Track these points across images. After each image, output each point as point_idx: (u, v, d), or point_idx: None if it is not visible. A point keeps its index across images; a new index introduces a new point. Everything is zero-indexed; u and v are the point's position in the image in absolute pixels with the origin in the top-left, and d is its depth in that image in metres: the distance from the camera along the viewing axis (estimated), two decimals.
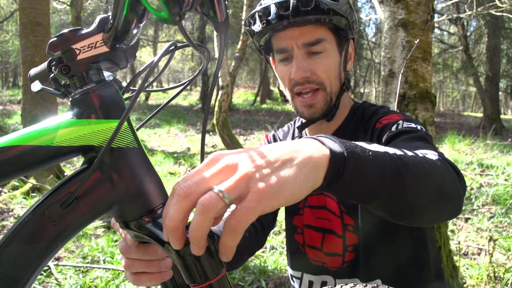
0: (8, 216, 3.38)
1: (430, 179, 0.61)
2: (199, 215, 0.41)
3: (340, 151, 0.50)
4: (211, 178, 0.43)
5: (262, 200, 0.42)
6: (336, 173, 0.49)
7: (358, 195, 0.54)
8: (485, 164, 4.98)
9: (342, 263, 1.02)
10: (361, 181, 0.51)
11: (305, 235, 1.08)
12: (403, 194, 0.57)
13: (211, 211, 0.41)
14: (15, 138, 0.48)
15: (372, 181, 0.53)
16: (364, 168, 0.51)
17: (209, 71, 14.24)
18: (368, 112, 1.03)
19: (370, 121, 1.00)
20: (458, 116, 17.36)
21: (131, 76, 2.45)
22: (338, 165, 0.49)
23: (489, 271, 2.27)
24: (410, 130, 0.88)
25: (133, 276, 0.60)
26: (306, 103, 0.97)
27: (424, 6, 1.95)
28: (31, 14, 4.07)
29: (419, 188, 0.59)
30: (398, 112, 1.00)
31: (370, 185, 0.53)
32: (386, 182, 0.54)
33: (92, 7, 12.68)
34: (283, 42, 0.96)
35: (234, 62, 6.21)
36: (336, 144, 0.51)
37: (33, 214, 0.48)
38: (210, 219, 0.41)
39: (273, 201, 0.42)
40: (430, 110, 1.98)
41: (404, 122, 0.91)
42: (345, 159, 0.49)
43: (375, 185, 0.53)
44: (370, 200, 0.56)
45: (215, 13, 0.45)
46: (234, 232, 0.41)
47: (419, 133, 0.87)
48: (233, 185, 0.42)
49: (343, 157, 0.49)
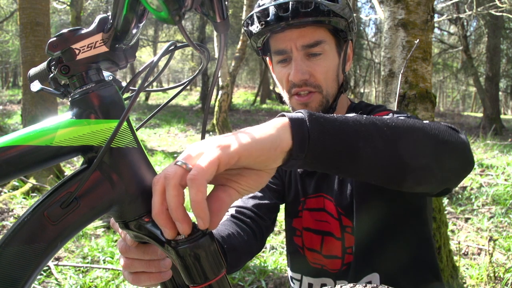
0: (8, 216, 3.38)
1: (418, 130, 0.61)
2: (166, 189, 0.45)
3: (300, 116, 0.53)
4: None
5: (217, 150, 0.46)
6: (301, 134, 0.51)
7: (338, 156, 0.54)
8: (485, 164, 4.97)
9: (341, 265, 1.01)
10: (333, 138, 0.53)
11: (304, 238, 1.08)
12: (390, 143, 0.57)
13: (172, 178, 0.45)
14: (15, 138, 0.48)
15: (347, 137, 0.54)
16: (330, 125, 0.54)
17: (209, 71, 14.24)
18: (364, 111, 1.03)
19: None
20: (458, 116, 17.36)
21: (131, 76, 2.46)
22: (300, 125, 0.52)
23: (489, 271, 2.27)
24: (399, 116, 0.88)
25: (132, 276, 0.60)
26: (302, 102, 0.97)
27: (424, 6, 1.95)
28: (31, 14, 4.07)
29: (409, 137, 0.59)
30: (390, 110, 1.00)
31: (346, 141, 0.54)
32: (363, 132, 0.55)
33: (92, 7, 12.67)
34: (282, 44, 0.95)
35: (234, 62, 6.21)
36: (297, 113, 0.54)
37: (32, 214, 0.48)
38: (174, 185, 0.45)
39: (228, 149, 0.46)
40: (430, 110, 1.98)
41: (394, 114, 0.91)
42: (305, 120, 0.53)
43: (352, 140, 0.55)
44: (353, 159, 0.56)
45: (215, 13, 0.45)
46: (194, 183, 0.44)
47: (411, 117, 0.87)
48: (190, 153, 0.47)
49: (303, 119, 0.53)
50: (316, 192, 1.04)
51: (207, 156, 0.45)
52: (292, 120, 0.52)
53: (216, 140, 0.48)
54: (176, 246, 0.48)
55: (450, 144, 0.65)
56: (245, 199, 1.08)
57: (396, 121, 0.60)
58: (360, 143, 0.55)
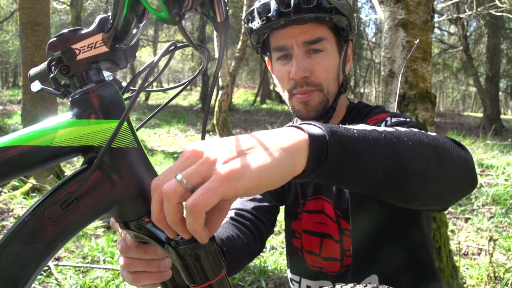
0: (8, 216, 3.38)
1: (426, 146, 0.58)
2: (164, 202, 0.43)
3: (321, 133, 0.49)
4: (177, 167, 0.45)
5: (223, 182, 0.41)
6: (319, 155, 0.48)
7: (351, 175, 0.52)
8: (485, 164, 4.97)
9: (340, 267, 1.01)
10: (350, 158, 0.50)
11: (303, 240, 1.07)
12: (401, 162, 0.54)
13: (171, 197, 0.42)
14: (15, 138, 0.48)
15: (362, 156, 0.51)
16: (351, 145, 0.50)
17: (209, 71, 14.24)
18: (362, 112, 1.02)
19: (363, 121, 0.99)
20: (458, 116, 17.36)
21: (131, 76, 2.45)
22: (320, 146, 0.48)
23: (489, 271, 2.27)
24: (399, 122, 0.87)
25: (131, 275, 0.60)
26: (303, 100, 0.95)
27: (424, 6, 1.95)
28: (31, 14, 4.07)
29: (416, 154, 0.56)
30: (388, 112, 0.99)
31: (361, 160, 0.51)
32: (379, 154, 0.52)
33: (92, 7, 12.67)
34: (283, 40, 0.94)
35: (234, 62, 6.21)
36: (316, 128, 0.50)
37: (32, 214, 0.48)
38: (173, 204, 0.43)
39: (236, 183, 0.41)
40: (430, 110, 1.98)
41: (392, 118, 0.91)
42: (327, 140, 0.48)
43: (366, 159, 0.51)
44: (366, 179, 0.53)
45: (215, 13, 0.45)
46: (192, 213, 0.41)
47: (410, 123, 0.86)
48: (193, 169, 0.43)
49: (324, 138, 0.48)
50: (315, 194, 1.04)
51: (211, 186, 0.41)
52: (312, 139, 0.48)
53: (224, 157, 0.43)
54: (176, 246, 0.48)
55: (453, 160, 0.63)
56: (244, 201, 1.07)
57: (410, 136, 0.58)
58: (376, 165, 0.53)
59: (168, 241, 0.49)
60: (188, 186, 0.42)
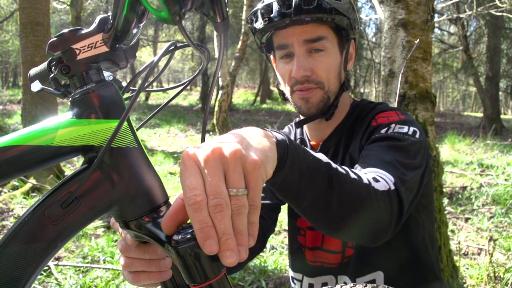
0: (8, 216, 3.38)
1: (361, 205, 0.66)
2: (236, 218, 0.42)
3: (283, 138, 0.56)
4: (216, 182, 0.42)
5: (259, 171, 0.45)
6: (281, 158, 0.54)
7: (289, 188, 0.59)
8: (485, 164, 4.98)
9: (342, 259, 1.02)
10: (295, 174, 0.57)
11: (307, 237, 1.08)
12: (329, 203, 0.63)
13: (241, 212, 0.43)
14: (15, 138, 0.48)
15: (304, 178, 0.59)
16: (300, 162, 0.58)
17: (209, 71, 14.24)
18: (366, 108, 1.04)
19: (367, 116, 1.00)
20: (458, 116, 17.36)
21: (131, 76, 2.46)
22: (283, 149, 0.55)
23: (489, 271, 2.27)
24: (396, 137, 0.87)
25: (132, 275, 0.60)
26: (303, 96, 0.98)
27: (424, 6, 1.95)
28: (31, 14, 4.07)
29: (344, 205, 0.65)
30: (396, 109, 0.99)
31: (302, 181, 0.59)
32: (317, 184, 0.61)
33: (92, 7, 12.67)
34: (284, 39, 0.96)
35: (234, 62, 6.21)
36: (280, 135, 0.57)
37: (33, 214, 0.48)
38: (245, 216, 0.43)
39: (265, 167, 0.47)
40: (430, 110, 1.98)
41: (396, 126, 0.91)
42: (287, 147, 0.56)
43: (306, 183, 0.59)
44: (298, 199, 0.62)
45: (215, 13, 0.45)
46: (257, 209, 0.45)
47: (405, 142, 0.86)
48: (236, 177, 0.44)
49: (286, 144, 0.56)
50: None
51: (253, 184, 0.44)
52: (279, 145, 0.55)
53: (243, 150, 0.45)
54: (177, 245, 0.48)
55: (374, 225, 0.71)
56: None
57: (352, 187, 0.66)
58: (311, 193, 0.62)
59: (168, 241, 0.49)
60: (245, 192, 0.44)
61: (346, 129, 1.04)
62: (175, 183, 4.60)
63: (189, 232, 0.48)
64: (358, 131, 1.00)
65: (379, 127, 0.93)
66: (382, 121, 0.94)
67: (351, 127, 1.03)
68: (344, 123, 1.05)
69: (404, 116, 0.95)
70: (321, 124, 1.06)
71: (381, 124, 0.93)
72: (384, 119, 0.95)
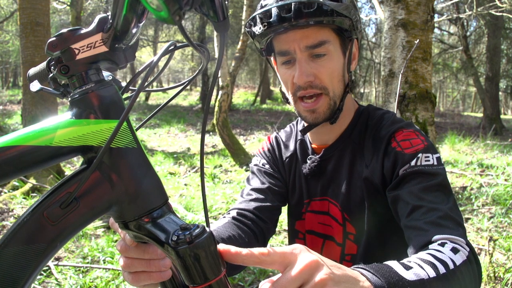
0: (8, 216, 3.38)
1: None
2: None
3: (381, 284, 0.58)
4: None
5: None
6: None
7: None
8: (485, 164, 4.98)
9: None
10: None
11: (307, 241, 1.07)
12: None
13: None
14: (15, 138, 0.48)
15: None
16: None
17: (209, 71, 14.23)
18: (373, 116, 1.00)
19: (379, 132, 0.97)
20: (458, 116, 17.36)
21: (131, 76, 2.46)
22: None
23: (489, 271, 2.26)
24: (429, 172, 0.86)
25: (131, 276, 0.60)
26: (309, 108, 0.95)
27: (424, 6, 1.95)
28: (31, 14, 4.07)
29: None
30: (411, 127, 0.96)
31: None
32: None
33: (92, 7, 12.67)
34: (285, 45, 0.93)
35: (234, 62, 6.21)
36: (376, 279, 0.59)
37: (32, 215, 0.48)
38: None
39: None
40: (430, 110, 1.98)
41: (423, 156, 0.88)
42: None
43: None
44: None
45: (215, 13, 0.45)
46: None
47: (438, 178, 0.85)
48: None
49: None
50: (321, 195, 1.03)
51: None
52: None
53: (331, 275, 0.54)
54: (176, 246, 0.47)
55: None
56: (246, 201, 1.06)
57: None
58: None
59: (168, 241, 0.48)
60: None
61: (353, 136, 1.01)
62: (175, 183, 4.59)
63: (189, 233, 0.47)
64: (371, 146, 0.97)
65: (404, 156, 0.89)
66: (406, 145, 0.91)
67: (358, 136, 1.00)
68: (349, 130, 1.02)
69: (427, 142, 0.92)
70: (324, 128, 1.02)
71: (406, 153, 0.90)
72: (407, 143, 0.91)
